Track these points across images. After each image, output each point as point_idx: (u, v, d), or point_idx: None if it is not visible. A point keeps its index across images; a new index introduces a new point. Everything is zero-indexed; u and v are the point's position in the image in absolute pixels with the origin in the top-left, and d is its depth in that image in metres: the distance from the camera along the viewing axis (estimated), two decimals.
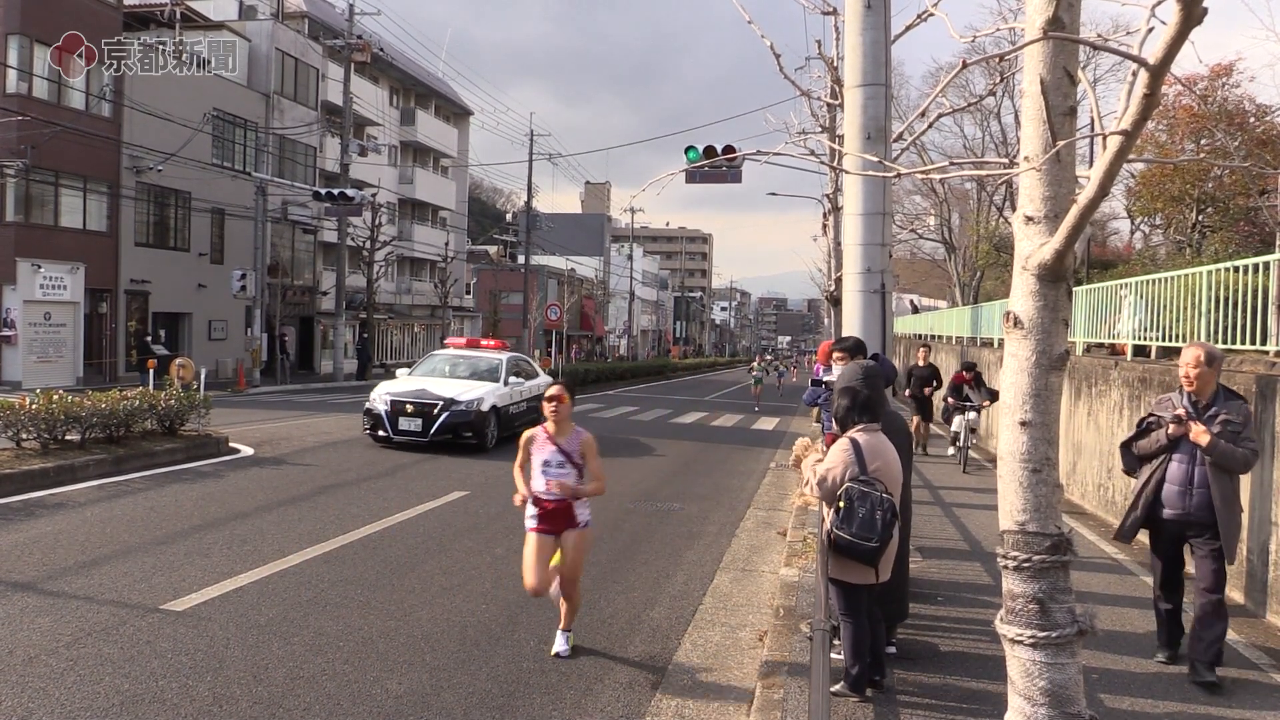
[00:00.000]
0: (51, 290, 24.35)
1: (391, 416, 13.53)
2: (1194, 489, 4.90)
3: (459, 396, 13.62)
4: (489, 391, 14.18)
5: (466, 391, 13.87)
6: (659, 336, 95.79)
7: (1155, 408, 5.23)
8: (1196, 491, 4.89)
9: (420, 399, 13.59)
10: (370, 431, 13.72)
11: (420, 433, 13.35)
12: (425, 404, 13.51)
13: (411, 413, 13.51)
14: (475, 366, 15.35)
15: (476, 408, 13.61)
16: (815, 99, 13.66)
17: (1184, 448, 4.95)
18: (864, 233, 6.12)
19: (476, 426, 13.53)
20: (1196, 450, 4.89)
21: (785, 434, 19.29)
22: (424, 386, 13.98)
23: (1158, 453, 5.05)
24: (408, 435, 13.41)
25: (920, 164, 22.94)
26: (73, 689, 4.49)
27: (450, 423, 13.34)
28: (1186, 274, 8.49)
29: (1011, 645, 2.86)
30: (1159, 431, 5.03)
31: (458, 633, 5.60)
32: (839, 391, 4.69)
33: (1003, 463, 2.92)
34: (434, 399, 13.54)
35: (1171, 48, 2.13)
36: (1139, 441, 5.15)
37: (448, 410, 13.41)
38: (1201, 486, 4.88)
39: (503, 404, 14.45)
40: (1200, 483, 4.88)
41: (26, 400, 10.47)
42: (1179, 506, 4.95)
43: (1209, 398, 4.96)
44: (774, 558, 7.85)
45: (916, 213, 37.01)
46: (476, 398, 13.75)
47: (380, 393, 13.93)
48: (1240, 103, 22.57)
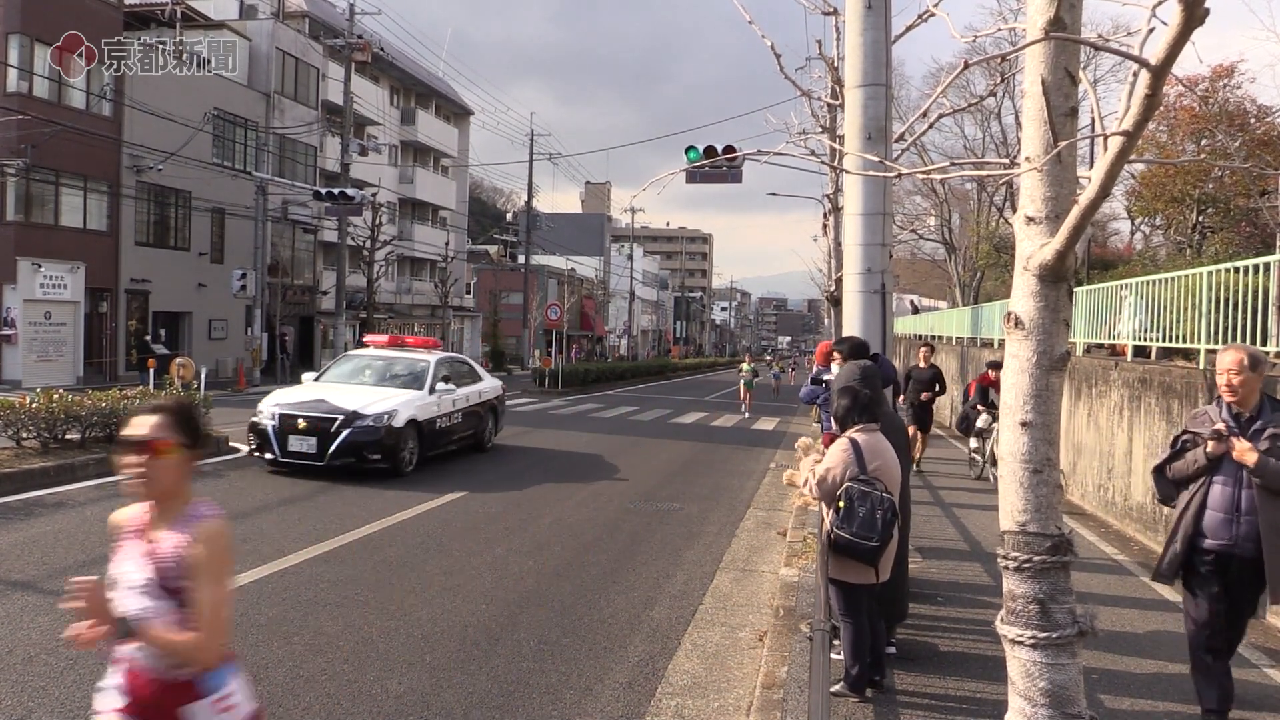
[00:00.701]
0: (52, 289, 24.36)
1: (280, 434, 10.90)
2: (1242, 516, 4.22)
3: (365, 408, 11.07)
4: (406, 402, 11.60)
5: (376, 402, 11.35)
6: (659, 336, 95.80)
7: (1190, 423, 4.54)
8: (1245, 519, 4.21)
9: (315, 412, 10.97)
10: (255, 451, 11.25)
11: (314, 455, 10.74)
12: (321, 418, 10.89)
13: (304, 429, 10.84)
14: (395, 370, 12.86)
15: (387, 423, 11.01)
16: (816, 99, 13.65)
17: (1226, 468, 4.25)
18: (864, 233, 6.12)
19: (386, 446, 10.93)
20: (1242, 471, 4.20)
21: (785, 434, 19.29)
22: (323, 396, 11.45)
23: (1196, 475, 4.35)
24: (298, 457, 10.83)
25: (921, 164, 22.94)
26: (73, 688, 4.49)
27: (352, 442, 10.76)
28: (1187, 275, 8.49)
29: (1012, 646, 2.85)
30: (1196, 451, 4.33)
31: (458, 633, 5.60)
32: (839, 392, 4.69)
33: (1003, 463, 2.92)
34: (332, 412, 10.95)
35: (1173, 49, 2.13)
36: (1174, 464, 4.43)
37: (349, 426, 10.81)
38: (1250, 513, 4.21)
39: (426, 416, 11.93)
40: (1249, 509, 4.22)
41: (27, 399, 10.48)
42: (1224, 536, 4.25)
43: (1253, 409, 4.28)
44: (774, 558, 7.85)
45: (917, 213, 37.02)
46: (387, 410, 11.16)
47: (269, 404, 11.36)
48: (1241, 104, 22.59)
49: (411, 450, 11.50)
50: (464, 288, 52.01)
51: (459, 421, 12.96)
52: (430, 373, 12.62)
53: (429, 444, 12.04)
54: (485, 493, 10.53)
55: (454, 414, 12.80)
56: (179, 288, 29.17)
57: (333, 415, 10.92)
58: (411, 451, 11.50)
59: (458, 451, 13.23)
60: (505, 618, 5.95)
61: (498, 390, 14.71)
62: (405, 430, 11.29)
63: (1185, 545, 4.33)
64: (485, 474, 11.63)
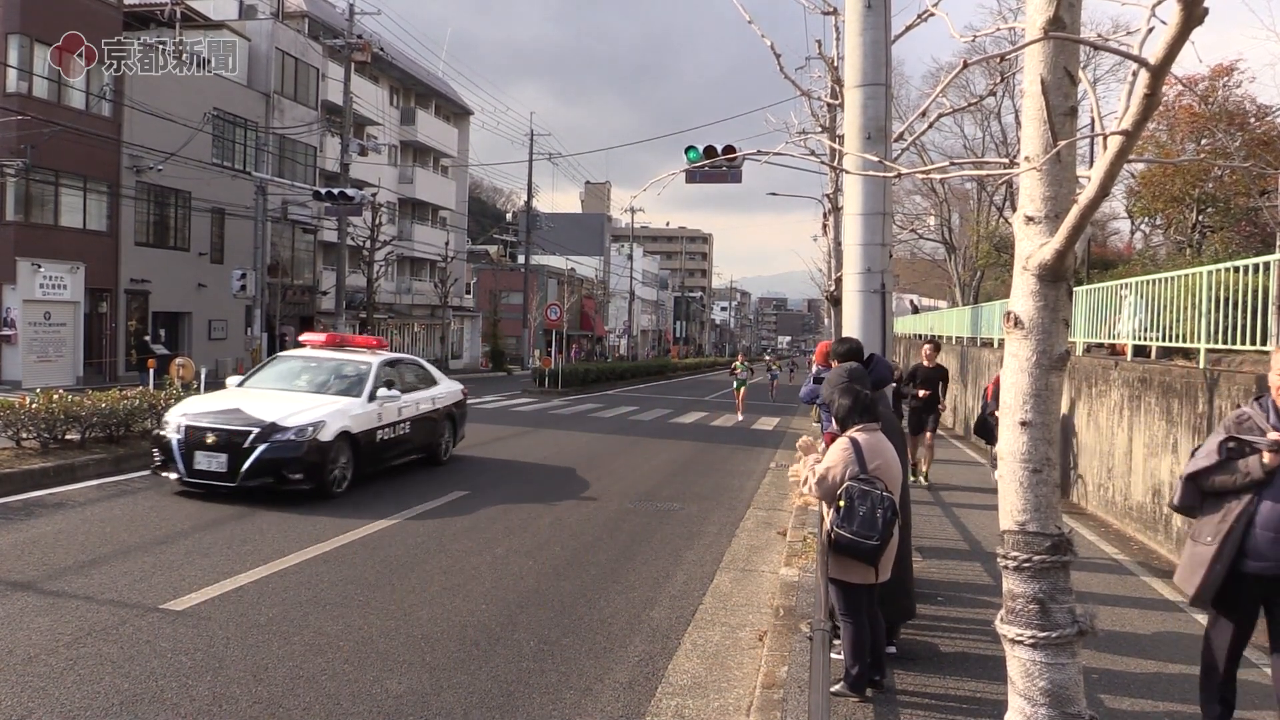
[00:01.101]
0: (51, 290, 24.37)
1: (185, 449, 9.32)
2: None
3: (286, 419, 9.50)
4: (338, 411, 10.05)
5: (302, 411, 9.79)
6: (659, 336, 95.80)
7: (1235, 429, 4.02)
8: None
9: (227, 424, 9.41)
10: (159, 469, 9.66)
11: (224, 474, 9.21)
12: (233, 432, 9.32)
13: (213, 444, 9.28)
14: (331, 375, 11.25)
15: (311, 436, 9.44)
16: (815, 99, 13.65)
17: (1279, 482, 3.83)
18: (864, 233, 6.12)
19: (310, 464, 9.38)
20: None
21: (785, 434, 19.29)
22: (239, 405, 9.88)
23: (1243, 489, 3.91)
24: (206, 477, 9.30)
25: (920, 164, 22.95)
26: (72, 689, 4.49)
27: (269, 459, 9.21)
28: (1187, 274, 8.49)
29: (1012, 645, 2.86)
30: (1249, 461, 3.87)
31: (458, 633, 5.60)
32: (839, 392, 4.70)
33: (1003, 463, 2.92)
34: (247, 424, 9.39)
35: (1172, 48, 2.13)
36: (1217, 476, 3.95)
37: (266, 441, 9.26)
38: None
39: (364, 428, 10.37)
40: None
41: (26, 399, 10.48)
42: (1272, 557, 3.83)
43: None
44: (774, 557, 7.85)
45: (917, 213, 37.02)
46: (313, 421, 9.58)
47: (176, 413, 9.81)
48: (1241, 103, 22.58)
49: (344, 467, 9.95)
50: (464, 288, 52.02)
51: (406, 432, 11.40)
52: (371, 377, 11.00)
53: (368, 459, 10.51)
54: (486, 493, 10.52)
55: (400, 424, 11.22)
56: (179, 288, 29.18)
57: (247, 428, 9.34)
58: (344, 469, 9.95)
59: (407, 466, 11.80)
60: (505, 617, 5.95)
61: (457, 396, 13.22)
62: (335, 444, 9.74)
63: (1227, 567, 3.92)
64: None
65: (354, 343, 12.54)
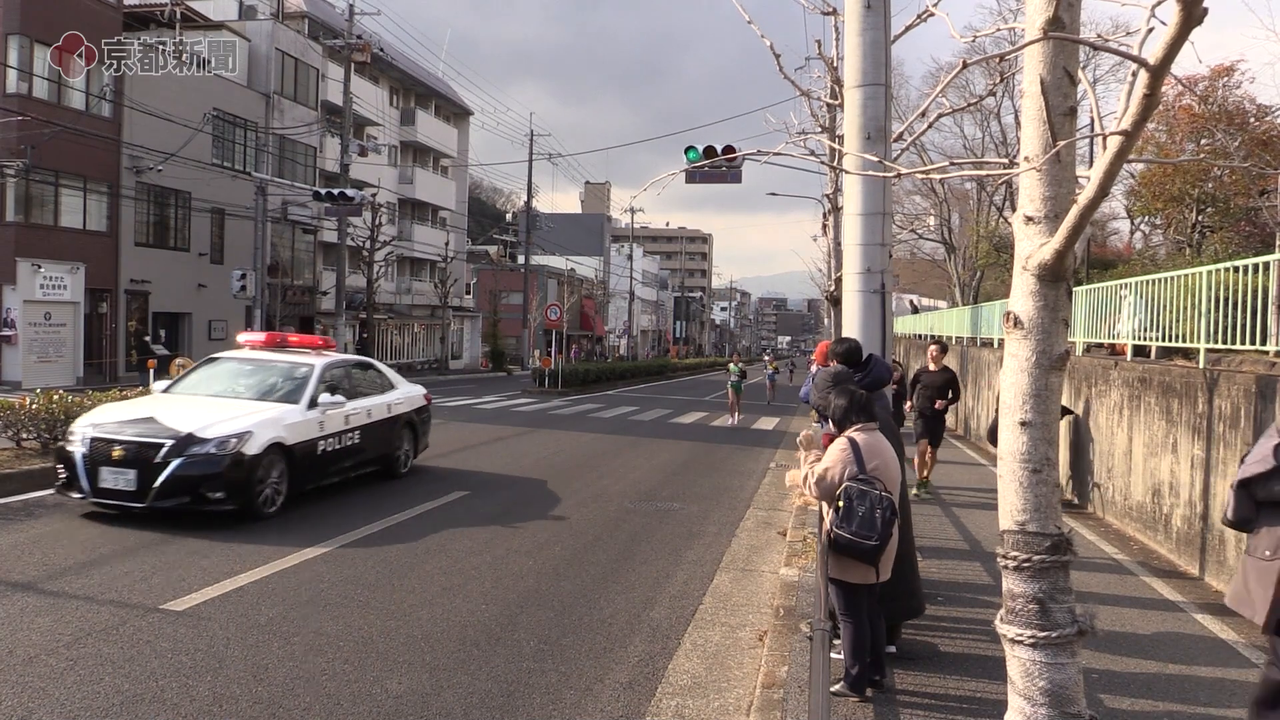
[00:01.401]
0: (51, 290, 24.38)
1: (90, 464, 8.15)
2: None
3: (206, 430, 8.33)
4: (269, 419, 8.91)
5: (226, 420, 8.60)
6: (659, 336, 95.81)
7: None
8: None
9: (138, 436, 8.21)
10: (64, 487, 8.43)
11: (133, 493, 7.99)
12: (144, 444, 8.11)
13: (120, 459, 8.08)
14: (267, 378, 10.03)
15: (234, 449, 8.26)
16: (815, 99, 13.64)
17: None
18: (864, 233, 6.12)
19: (233, 480, 8.19)
20: None
21: (785, 434, 19.29)
22: (155, 413, 8.69)
23: None
24: (113, 496, 8.10)
25: (920, 164, 22.96)
26: (73, 689, 4.50)
27: (184, 476, 8.01)
28: (1186, 274, 8.49)
29: (1011, 645, 2.86)
30: None
31: (458, 633, 5.61)
32: (834, 393, 4.70)
33: (1002, 463, 2.92)
34: (160, 435, 8.20)
35: (1172, 48, 2.13)
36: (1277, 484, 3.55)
37: (181, 455, 8.05)
38: None
39: (302, 438, 9.23)
40: None
41: (26, 400, 10.48)
42: None
43: None
44: (774, 557, 7.85)
45: (916, 213, 37.03)
46: (237, 432, 8.41)
47: (83, 423, 8.65)
48: (1240, 103, 22.58)
49: (276, 484, 8.77)
50: (464, 288, 52.04)
51: (356, 442, 10.22)
52: (312, 381, 9.79)
53: (306, 474, 9.36)
54: (486, 493, 10.51)
55: (347, 433, 10.04)
56: (179, 288, 29.19)
57: (159, 440, 8.13)
58: (276, 486, 8.77)
59: (357, 480, 10.61)
60: (505, 618, 5.95)
61: (418, 401, 12.00)
62: (265, 458, 8.56)
63: None
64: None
65: (297, 343, 11.32)
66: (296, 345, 11.22)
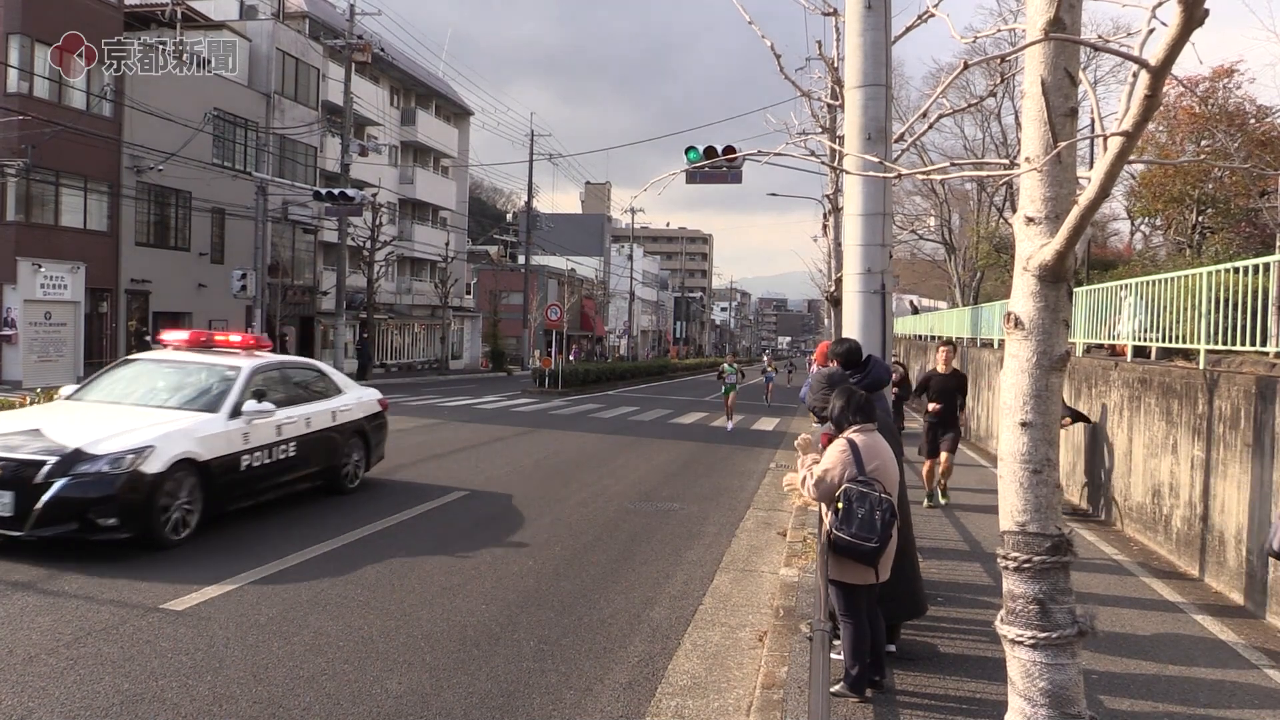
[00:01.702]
0: (52, 290, 24.39)
1: None
2: None
3: (97, 444, 7.15)
4: (177, 432, 7.69)
5: (123, 433, 7.40)
6: (659, 336, 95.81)
7: None
8: None
9: (14, 452, 7.03)
10: None
11: (10, 519, 6.83)
12: (23, 462, 6.94)
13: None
14: (187, 383, 8.83)
15: (130, 467, 7.06)
16: (816, 99, 13.65)
17: None
18: (864, 233, 6.12)
19: (129, 503, 7.00)
20: None
21: (785, 434, 19.29)
22: (41, 425, 7.57)
23: None
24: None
25: (921, 164, 22.95)
26: (73, 688, 4.50)
27: (68, 499, 6.84)
28: (1187, 275, 8.49)
29: (1012, 646, 2.86)
30: None
31: (458, 633, 5.61)
32: (835, 394, 4.71)
33: (1003, 463, 2.92)
34: (43, 451, 7.03)
35: (1172, 49, 2.13)
36: None
37: (66, 474, 6.89)
38: None
39: (221, 452, 7.93)
40: None
41: (27, 400, 10.48)
42: None
43: None
44: (774, 558, 7.85)
45: (917, 213, 37.03)
46: (134, 447, 7.20)
47: None
48: (1241, 104, 22.58)
49: (186, 506, 7.56)
50: (464, 288, 52.04)
51: (291, 455, 8.96)
52: (237, 387, 8.56)
53: (227, 493, 8.09)
54: (486, 493, 10.51)
55: (278, 445, 8.77)
56: (179, 288, 29.19)
57: (40, 457, 6.94)
58: (186, 508, 7.56)
59: (297, 498, 9.37)
60: (505, 618, 5.95)
61: (371, 408, 10.69)
62: (171, 476, 7.33)
63: None
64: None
65: (226, 343, 9.91)
66: (225, 345, 9.89)
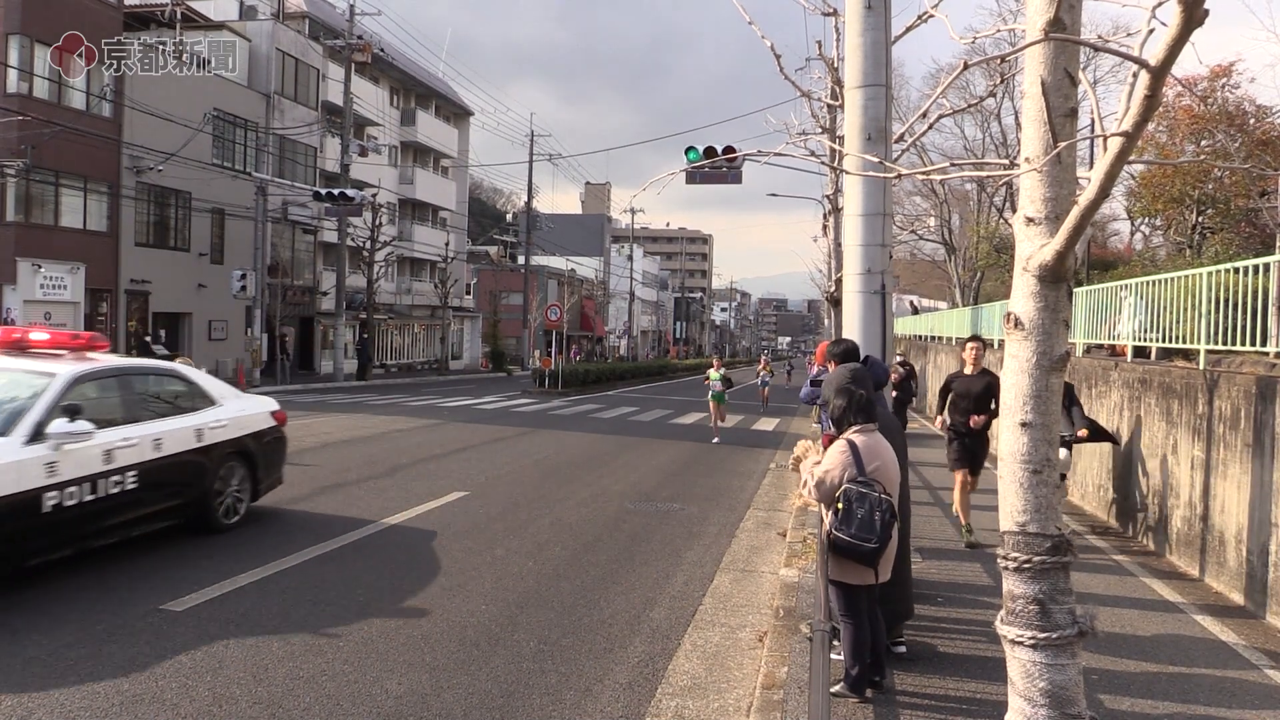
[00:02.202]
0: (52, 290, 24.38)
1: None
2: None
3: None
4: None
5: None
6: (659, 337, 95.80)
7: None
8: None
9: None
10: None
11: None
12: None
13: None
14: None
15: None
16: (816, 100, 13.65)
17: None
18: (864, 233, 6.12)
19: None
20: None
21: (785, 434, 19.29)
22: None
23: None
24: None
25: (921, 165, 22.95)
26: (73, 689, 4.49)
27: None
28: (1187, 275, 8.49)
29: (1012, 646, 2.86)
30: None
31: (458, 633, 5.60)
32: (835, 393, 4.70)
33: (1003, 464, 2.92)
34: None
35: (1172, 49, 2.13)
36: None
37: None
38: None
39: (11, 490, 5.80)
40: None
41: None
42: None
43: None
44: (774, 558, 7.85)
45: (917, 214, 37.02)
46: None
47: None
48: (1240, 104, 22.58)
49: None
50: (464, 288, 52.05)
51: (130, 488, 6.82)
52: (43, 402, 6.36)
53: (24, 542, 6.03)
54: (486, 493, 10.49)
55: (110, 476, 6.63)
56: (179, 288, 29.18)
57: None
58: None
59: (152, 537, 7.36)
60: (505, 618, 5.95)
61: (260, 422, 8.67)
62: None
63: None
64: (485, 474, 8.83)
65: (39, 343, 7.50)
66: (43, 346, 7.52)
